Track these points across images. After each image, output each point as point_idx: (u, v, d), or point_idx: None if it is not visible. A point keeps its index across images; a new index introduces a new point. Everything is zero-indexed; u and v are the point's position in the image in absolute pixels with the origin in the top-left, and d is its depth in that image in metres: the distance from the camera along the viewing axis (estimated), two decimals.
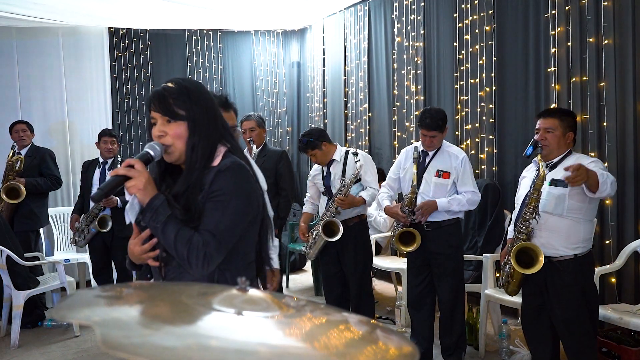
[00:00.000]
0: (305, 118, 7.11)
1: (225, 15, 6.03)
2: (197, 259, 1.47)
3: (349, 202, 3.68)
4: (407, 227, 3.39)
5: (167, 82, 1.60)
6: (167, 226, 1.48)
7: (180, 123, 1.55)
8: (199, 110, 1.57)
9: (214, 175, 1.54)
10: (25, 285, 4.15)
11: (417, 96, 5.21)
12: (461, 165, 3.35)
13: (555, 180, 2.68)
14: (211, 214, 1.51)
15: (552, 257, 2.68)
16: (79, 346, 4.05)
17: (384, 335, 0.84)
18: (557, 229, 2.69)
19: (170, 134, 1.55)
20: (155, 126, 1.57)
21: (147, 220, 1.50)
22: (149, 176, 1.52)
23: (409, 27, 5.29)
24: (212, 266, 1.51)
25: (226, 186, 1.53)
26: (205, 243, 1.48)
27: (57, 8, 5.16)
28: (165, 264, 1.58)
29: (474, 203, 3.38)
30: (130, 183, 1.49)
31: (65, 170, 5.75)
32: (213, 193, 1.52)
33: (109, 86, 6.12)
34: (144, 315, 0.77)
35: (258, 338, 0.72)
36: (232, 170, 1.55)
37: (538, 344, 2.89)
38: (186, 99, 1.55)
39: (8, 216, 4.68)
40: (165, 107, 1.54)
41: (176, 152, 1.56)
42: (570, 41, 3.80)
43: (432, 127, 3.28)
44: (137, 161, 1.51)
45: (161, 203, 1.50)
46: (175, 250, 1.49)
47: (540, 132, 2.79)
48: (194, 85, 1.61)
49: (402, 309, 4.16)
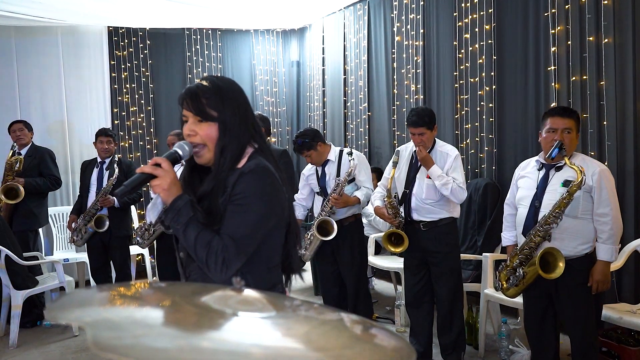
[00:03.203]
0: (305, 117, 7.10)
1: (224, 15, 6.02)
2: (216, 263, 1.45)
3: (343, 201, 3.68)
4: (397, 228, 3.39)
5: (202, 79, 1.57)
6: (188, 228, 1.46)
7: (212, 124, 1.52)
8: (231, 111, 1.54)
9: (237, 177, 1.50)
10: (24, 285, 4.14)
11: (417, 95, 5.20)
12: (452, 163, 3.32)
13: (568, 181, 2.64)
14: (232, 217, 1.49)
15: (566, 257, 2.65)
16: (77, 346, 4.04)
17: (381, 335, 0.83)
18: (572, 230, 2.67)
19: (200, 134, 1.53)
20: (186, 124, 1.55)
21: (169, 220, 1.48)
22: (175, 176, 1.50)
23: (408, 26, 5.28)
24: (231, 271, 1.47)
25: (248, 189, 1.49)
26: (224, 247, 1.45)
27: (56, 7, 5.15)
28: (187, 265, 1.59)
29: (458, 196, 3.28)
30: (155, 182, 1.47)
31: (65, 169, 5.75)
32: (235, 196, 1.49)
33: (108, 85, 6.11)
34: (136, 316, 0.76)
35: (252, 339, 0.71)
36: (255, 173, 1.51)
37: (542, 345, 2.88)
38: (219, 99, 1.53)
39: (7, 216, 4.67)
40: (198, 107, 1.52)
41: (206, 154, 1.54)
42: (570, 40, 3.80)
43: (418, 123, 3.26)
44: (164, 160, 1.49)
45: (184, 204, 1.48)
46: (195, 252, 1.47)
47: (559, 133, 2.69)
48: (227, 85, 1.58)
49: (401, 309, 4.15)
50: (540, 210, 2.73)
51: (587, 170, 2.65)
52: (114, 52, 6.17)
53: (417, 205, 3.38)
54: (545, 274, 2.60)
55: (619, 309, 3.14)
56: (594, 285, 2.67)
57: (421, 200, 3.36)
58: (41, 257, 4.74)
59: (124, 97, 6.21)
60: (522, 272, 2.75)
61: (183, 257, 1.60)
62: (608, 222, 2.65)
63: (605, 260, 2.67)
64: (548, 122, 2.75)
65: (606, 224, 2.65)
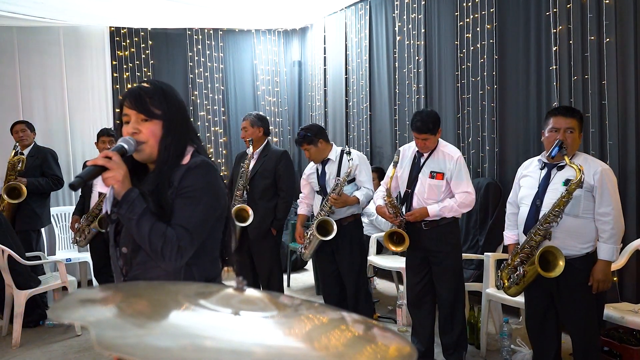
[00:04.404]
0: (307, 117, 7.10)
1: (226, 15, 6.03)
2: (171, 252, 1.50)
3: (342, 201, 3.70)
4: (398, 227, 3.39)
5: (142, 82, 1.65)
6: (142, 219, 1.50)
7: (156, 122, 1.59)
8: (174, 110, 1.61)
9: (183, 172, 1.58)
10: (26, 285, 4.15)
11: (418, 95, 5.20)
12: (455, 166, 3.30)
13: (569, 180, 2.63)
14: (182, 209, 1.55)
15: (566, 256, 2.65)
16: (80, 345, 4.05)
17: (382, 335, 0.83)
18: (572, 229, 2.67)
19: (144, 132, 1.58)
20: (129, 124, 1.59)
21: (123, 212, 1.51)
22: (126, 169, 1.54)
23: (410, 25, 5.28)
24: (185, 259, 1.54)
25: (197, 183, 1.57)
26: (179, 237, 1.51)
27: (58, 7, 5.16)
28: (130, 259, 1.61)
29: (467, 205, 3.31)
30: (108, 174, 1.50)
31: (66, 169, 5.75)
32: (184, 189, 1.56)
33: (110, 86, 6.12)
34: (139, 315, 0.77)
35: (254, 338, 0.72)
36: (203, 168, 1.60)
37: (543, 345, 2.88)
38: (162, 99, 1.60)
39: (10, 216, 4.68)
40: (142, 106, 1.58)
41: (148, 150, 1.59)
42: (571, 39, 3.79)
43: (422, 130, 3.26)
44: (114, 153, 1.53)
45: (137, 196, 1.52)
46: (149, 243, 1.50)
47: (561, 132, 2.69)
48: (168, 87, 1.66)
49: (403, 308, 4.15)
50: (541, 209, 2.72)
51: (589, 169, 2.65)
52: (116, 52, 6.18)
53: (419, 204, 3.38)
54: (545, 273, 2.60)
55: (621, 309, 3.14)
56: (594, 284, 2.67)
57: (423, 200, 3.36)
58: (44, 257, 4.75)
59: None
60: (522, 270, 2.75)
61: (127, 252, 1.62)
62: (609, 221, 2.65)
63: (606, 260, 2.67)
64: (551, 122, 2.75)
65: (607, 224, 2.65)
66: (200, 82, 6.61)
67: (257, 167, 4.14)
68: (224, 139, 6.75)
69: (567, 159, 2.64)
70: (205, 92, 6.63)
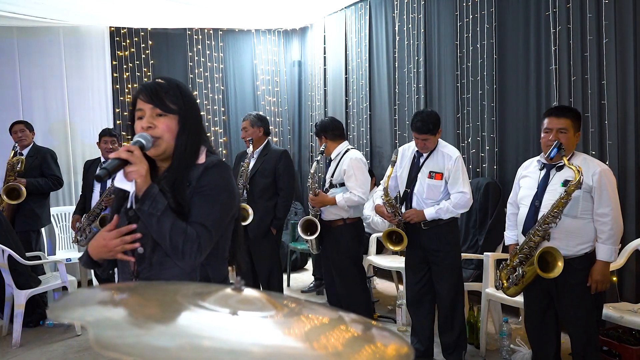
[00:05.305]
0: (307, 117, 7.10)
1: (226, 15, 6.03)
2: (192, 249, 1.48)
3: (319, 201, 3.76)
4: (397, 227, 3.40)
5: (157, 79, 1.61)
6: (164, 215, 1.47)
7: (172, 117, 1.56)
8: (190, 107, 1.59)
9: (201, 171, 1.56)
10: (26, 285, 4.15)
11: (418, 95, 5.20)
12: (453, 165, 3.31)
13: (568, 181, 2.63)
14: (201, 207, 1.53)
15: (565, 257, 2.65)
16: (80, 345, 4.05)
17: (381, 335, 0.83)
18: (571, 230, 2.67)
19: (160, 127, 1.54)
20: (143, 119, 1.55)
21: (146, 208, 1.48)
22: (148, 164, 1.51)
23: (410, 25, 5.28)
24: (203, 257, 1.52)
25: (214, 181, 1.56)
26: (198, 234, 1.49)
27: (58, 7, 5.16)
28: (149, 258, 1.56)
29: (463, 206, 3.31)
30: (131, 168, 1.47)
31: (67, 169, 5.76)
32: (202, 188, 1.55)
33: (110, 86, 6.12)
34: (137, 315, 0.77)
35: (252, 338, 0.72)
36: (220, 167, 1.59)
37: (543, 345, 2.89)
38: (178, 94, 1.57)
39: (9, 216, 4.68)
40: (159, 100, 1.54)
41: (163, 145, 1.55)
42: (571, 39, 3.79)
43: (422, 130, 3.26)
44: (136, 148, 1.50)
45: (158, 192, 1.50)
46: (170, 240, 1.47)
47: (554, 133, 2.69)
48: (183, 84, 1.65)
49: (402, 308, 4.16)
50: (540, 210, 2.73)
51: (587, 170, 2.65)
52: (116, 52, 6.18)
53: (418, 204, 3.38)
54: (544, 273, 2.60)
55: (620, 308, 3.14)
56: (592, 285, 2.67)
57: (422, 200, 3.36)
58: (44, 257, 4.75)
59: (125, 97, 6.21)
60: (521, 271, 2.76)
61: (144, 252, 1.55)
62: (608, 222, 2.65)
63: (604, 261, 2.67)
64: (545, 122, 2.77)
65: (606, 224, 2.65)
66: (200, 82, 6.61)
67: (256, 166, 4.15)
68: (224, 139, 6.75)
69: (566, 160, 2.64)
70: (205, 92, 6.63)
